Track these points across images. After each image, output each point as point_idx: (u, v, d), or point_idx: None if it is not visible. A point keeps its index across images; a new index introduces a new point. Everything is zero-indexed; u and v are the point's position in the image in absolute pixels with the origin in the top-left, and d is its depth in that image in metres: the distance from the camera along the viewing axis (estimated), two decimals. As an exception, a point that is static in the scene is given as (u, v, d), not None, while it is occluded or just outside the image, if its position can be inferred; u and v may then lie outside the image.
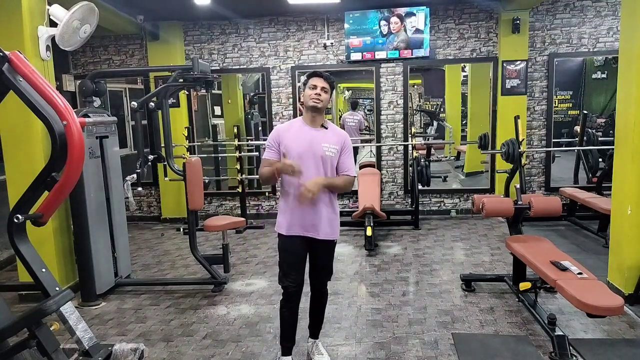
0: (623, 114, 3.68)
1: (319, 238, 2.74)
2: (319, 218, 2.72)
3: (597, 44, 6.37)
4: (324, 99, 2.70)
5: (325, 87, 2.71)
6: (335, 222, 2.81)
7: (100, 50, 7.01)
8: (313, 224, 2.72)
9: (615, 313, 2.71)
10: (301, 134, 2.74)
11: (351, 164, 2.82)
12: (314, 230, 2.73)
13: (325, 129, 2.77)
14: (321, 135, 2.74)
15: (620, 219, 3.72)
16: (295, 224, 2.73)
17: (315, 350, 2.99)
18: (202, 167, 4.46)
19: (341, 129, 2.99)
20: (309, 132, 2.74)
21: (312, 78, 2.73)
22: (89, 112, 4.13)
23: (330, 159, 2.72)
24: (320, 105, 2.70)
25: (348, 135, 2.88)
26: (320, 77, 2.71)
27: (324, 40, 6.67)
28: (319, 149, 2.70)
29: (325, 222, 2.73)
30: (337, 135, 2.80)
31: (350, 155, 2.81)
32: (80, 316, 2.51)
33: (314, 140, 2.71)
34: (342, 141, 2.78)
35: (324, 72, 2.75)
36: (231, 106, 8.73)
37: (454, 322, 3.45)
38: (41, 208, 2.47)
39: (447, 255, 5.05)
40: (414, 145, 6.36)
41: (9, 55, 2.28)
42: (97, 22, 3.96)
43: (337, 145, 2.74)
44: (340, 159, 2.77)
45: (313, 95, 2.69)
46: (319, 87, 2.69)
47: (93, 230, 4.04)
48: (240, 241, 5.86)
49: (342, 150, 2.76)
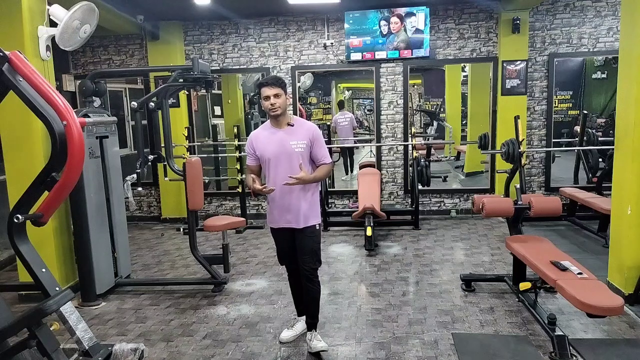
0: (623, 114, 3.68)
1: (299, 227, 3.00)
2: (297, 210, 2.97)
3: (597, 44, 6.37)
4: (280, 104, 2.91)
5: (277, 92, 2.89)
6: (314, 209, 3.04)
7: (100, 50, 7.01)
8: (293, 217, 2.98)
9: (615, 313, 2.71)
10: (271, 137, 2.99)
11: (325, 152, 3.04)
12: (295, 222, 2.99)
13: (291, 127, 2.98)
14: (288, 134, 2.97)
15: (620, 219, 3.72)
16: (279, 218, 3.03)
17: (313, 338, 3.10)
18: (202, 167, 4.46)
19: (307, 122, 3.19)
20: (277, 133, 2.98)
21: (262, 89, 2.93)
22: (89, 112, 4.13)
23: (301, 155, 2.93)
24: (279, 112, 2.93)
25: (315, 126, 3.08)
26: (268, 86, 2.90)
27: (324, 40, 6.68)
28: (289, 148, 2.93)
29: (302, 213, 2.97)
30: (303, 129, 3.00)
31: (321, 144, 3.02)
32: (80, 316, 2.51)
33: (283, 141, 2.95)
34: (310, 134, 2.98)
35: (270, 78, 2.96)
36: (231, 106, 8.73)
37: (454, 322, 3.45)
38: (41, 208, 2.47)
39: (447, 255, 5.05)
40: (414, 145, 6.36)
41: (9, 55, 2.29)
42: (97, 22, 3.96)
43: (305, 139, 2.95)
44: (313, 150, 2.99)
45: (269, 107, 2.91)
46: (271, 97, 2.89)
47: (93, 230, 4.04)
48: (240, 241, 5.86)
49: (312, 142, 2.97)
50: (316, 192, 3.08)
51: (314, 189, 3.05)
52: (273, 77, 3.02)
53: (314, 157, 3.01)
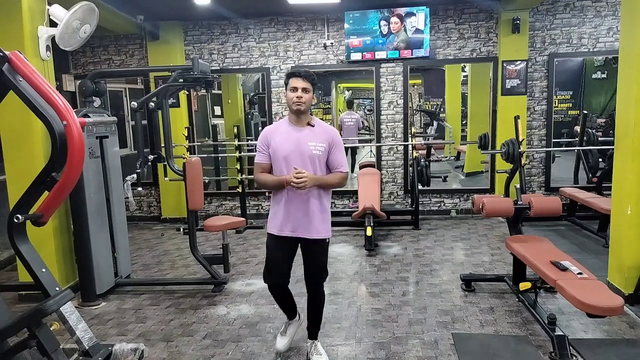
0: (623, 114, 3.68)
1: (311, 238, 2.75)
2: (310, 218, 2.73)
3: (597, 44, 6.37)
4: (306, 100, 2.69)
5: (306, 87, 2.68)
6: (327, 220, 2.82)
7: (100, 50, 7.01)
8: (304, 225, 2.73)
9: (616, 313, 2.71)
10: (288, 135, 2.74)
11: (342, 160, 2.80)
12: (305, 230, 2.74)
13: (311, 127, 2.76)
14: (307, 135, 2.73)
15: (620, 219, 3.72)
16: (286, 225, 2.75)
17: (313, 351, 2.97)
18: (202, 167, 4.46)
19: (329, 125, 2.95)
20: (296, 132, 2.74)
21: (291, 79, 2.69)
22: (89, 112, 4.13)
23: (318, 157, 2.71)
24: (303, 108, 2.70)
25: (336, 131, 2.86)
26: (300, 77, 2.67)
27: (324, 40, 6.68)
28: (306, 149, 2.70)
29: (316, 222, 2.74)
30: (324, 132, 2.78)
31: (340, 151, 2.79)
32: (80, 316, 2.51)
33: (300, 140, 2.71)
34: (331, 138, 2.76)
35: (303, 71, 2.71)
36: (231, 106, 8.73)
37: (454, 322, 3.45)
38: (41, 208, 2.47)
39: (447, 255, 5.05)
40: (414, 145, 6.36)
41: (9, 55, 2.29)
42: (97, 22, 3.96)
43: (325, 142, 2.73)
44: (331, 156, 2.76)
45: (295, 99, 2.67)
46: (299, 89, 2.67)
47: (93, 230, 4.04)
48: (240, 241, 5.86)
49: (331, 147, 2.75)
50: (329, 202, 2.86)
51: (327, 198, 2.83)
52: (307, 71, 2.73)
53: (330, 162, 2.78)
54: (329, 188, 2.83)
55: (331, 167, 2.79)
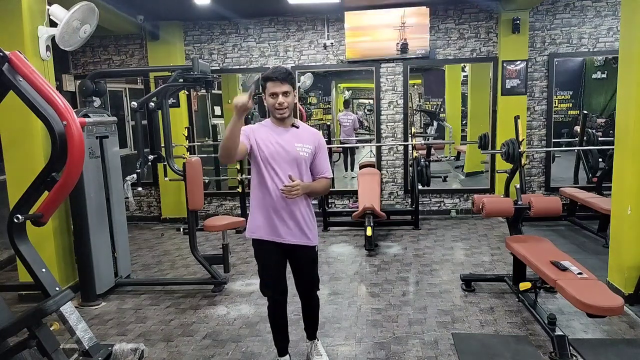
0: (623, 114, 3.68)
1: (295, 243, 2.61)
2: (297, 223, 2.59)
3: (597, 44, 6.37)
4: (288, 104, 2.52)
5: (286, 90, 2.50)
6: (313, 227, 2.67)
7: (100, 50, 7.01)
8: (290, 230, 2.58)
9: (616, 313, 2.71)
10: (273, 135, 2.58)
11: (328, 165, 2.70)
12: (291, 235, 2.59)
13: (296, 128, 2.63)
14: (293, 135, 2.59)
15: (620, 219, 3.72)
16: (267, 227, 2.59)
17: (313, 351, 2.95)
18: (202, 167, 4.46)
19: (312, 127, 2.83)
20: (281, 132, 2.59)
21: (268, 83, 2.50)
22: (89, 112, 4.13)
23: (304, 160, 2.58)
24: (287, 114, 2.55)
25: (320, 134, 2.75)
26: (277, 81, 2.48)
27: (324, 40, 6.67)
28: (292, 150, 2.56)
29: (301, 227, 2.60)
30: (310, 134, 2.66)
31: (325, 155, 2.68)
32: (80, 316, 2.51)
33: (286, 141, 2.57)
34: (317, 141, 2.64)
35: (280, 73, 2.50)
36: (231, 106, 8.71)
37: (454, 322, 3.45)
38: (41, 208, 2.47)
39: (447, 255, 5.05)
40: (414, 145, 6.36)
41: (9, 55, 2.29)
42: (97, 22, 3.96)
43: (311, 145, 2.60)
44: (316, 160, 2.63)
45: (276, 106, 2.50)
46: (279, 94, 2.49)
47: (93, 230, 4.04)
48: (240, 241, 5.86)
49: (316, 150, 2.62)
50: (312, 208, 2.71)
51: (310, 203, 2.69)
52: (282, 70, 2.51)
53: (315, 167, 2.64)
54: (314, 195, 2.74)
55: (316, 173, 2.66)
